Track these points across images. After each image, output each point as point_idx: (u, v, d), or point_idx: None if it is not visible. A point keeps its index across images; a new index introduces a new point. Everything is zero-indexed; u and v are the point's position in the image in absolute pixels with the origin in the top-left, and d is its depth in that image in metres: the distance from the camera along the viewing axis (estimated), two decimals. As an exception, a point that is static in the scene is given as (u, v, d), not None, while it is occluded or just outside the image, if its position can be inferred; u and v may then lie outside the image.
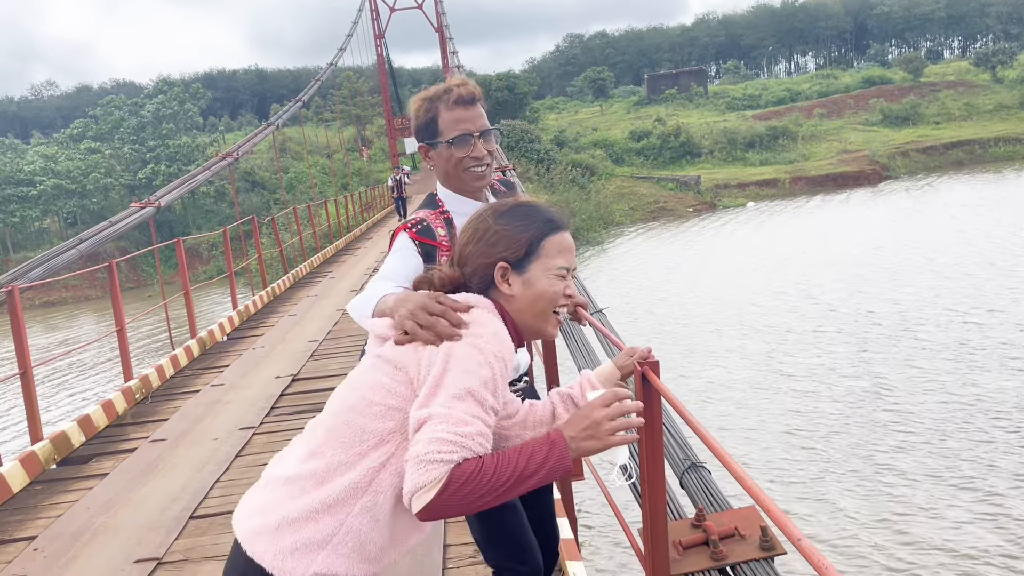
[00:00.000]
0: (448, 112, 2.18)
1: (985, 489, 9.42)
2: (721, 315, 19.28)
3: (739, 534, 2.07)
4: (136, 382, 7.31)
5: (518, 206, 1.69)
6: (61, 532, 4.47)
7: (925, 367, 13.83)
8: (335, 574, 1.50)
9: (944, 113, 59.98)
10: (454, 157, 2.20)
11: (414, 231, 2.18)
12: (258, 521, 1.54)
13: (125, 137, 51.03)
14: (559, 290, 1.63)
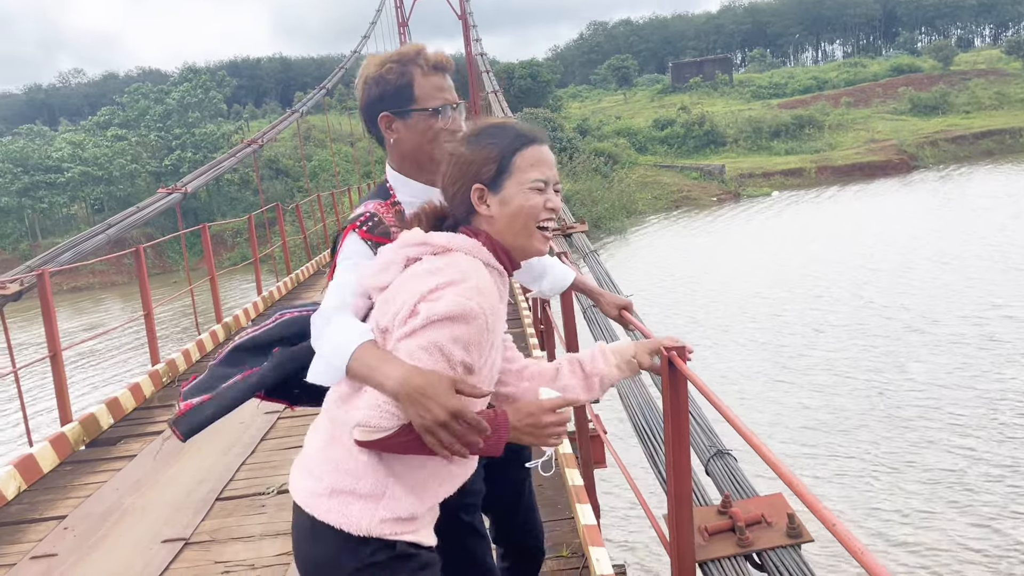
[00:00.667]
0: (425, 78, 1.92)
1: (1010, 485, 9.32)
2: (739, 307, 19.16)
3: (766, 521, 2.05)
4: (163, 366, 7.40)
5: (487, 127, 1.65)
6: (90, 512, 4.54)
7: (942, 362, 13.68)
8: (397, 515, 1.59)
9: (974, 102, 59.02)
10: (433, 128, 1.92)
11: (364, 230, 1.86)
12: (314, 485, 1.62)
13: (151, 124, 51.47)
14: (538, 203, 1.60)
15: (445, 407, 1.44)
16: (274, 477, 4.79)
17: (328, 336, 1.62)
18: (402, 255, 1.62)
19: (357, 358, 1.54)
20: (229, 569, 3.74)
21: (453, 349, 1.48)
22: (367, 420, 1.49)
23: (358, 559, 1.58)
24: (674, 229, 36.09)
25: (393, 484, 1.59)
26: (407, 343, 1.50)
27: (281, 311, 1.95)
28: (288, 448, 5.31)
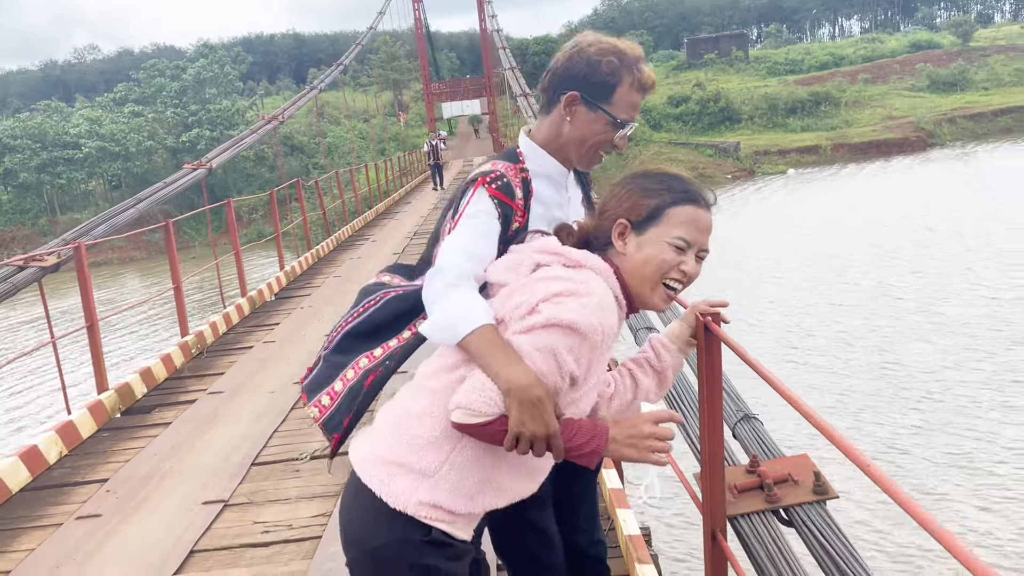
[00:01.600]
0: (630, 91, 1.89)
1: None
2: (754, 285, 19.20)
3: (792, 480, 2.17)
4: (192, 337, 7.57)
5: (664, 173, 1.71)
6: (131, 475, 4.71)
7: (948, 343, 13.71)
8: (436, 502, 1.60)
9: (994, 79, 58.27)
10: (604, 135, 1.91)
11: (494, 187, 1.85)
12: (371, 452, 1.67)
13: (167, 101, 51.60)
14: (670, 259, 1.62)
15: (548, 426, 1.50)
16: (307, 444, 4.95)
17: (451, 301, 1.65)
18: (533, 259, 1.67)
19: (479, 336, 1.56)
20: (268, 529, 3.90)
21: (566, 357, 1.52)
22: (470, 403, 1.51)
23: (392, 533, 1.61)
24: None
25: (446, 472, 1.61)
26: (523, 339, 1.53)
27: (384, 290, 1.92)
28: (318, 417, 5.45)
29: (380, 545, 1.62)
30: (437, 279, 1.71)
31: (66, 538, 3.99)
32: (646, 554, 3.14)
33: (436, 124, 46.54)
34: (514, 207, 1.87)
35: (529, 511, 2.08)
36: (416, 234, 15.56)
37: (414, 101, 66.00)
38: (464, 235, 1.79)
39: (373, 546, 1.63)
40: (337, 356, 1.85)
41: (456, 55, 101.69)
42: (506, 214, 1.85)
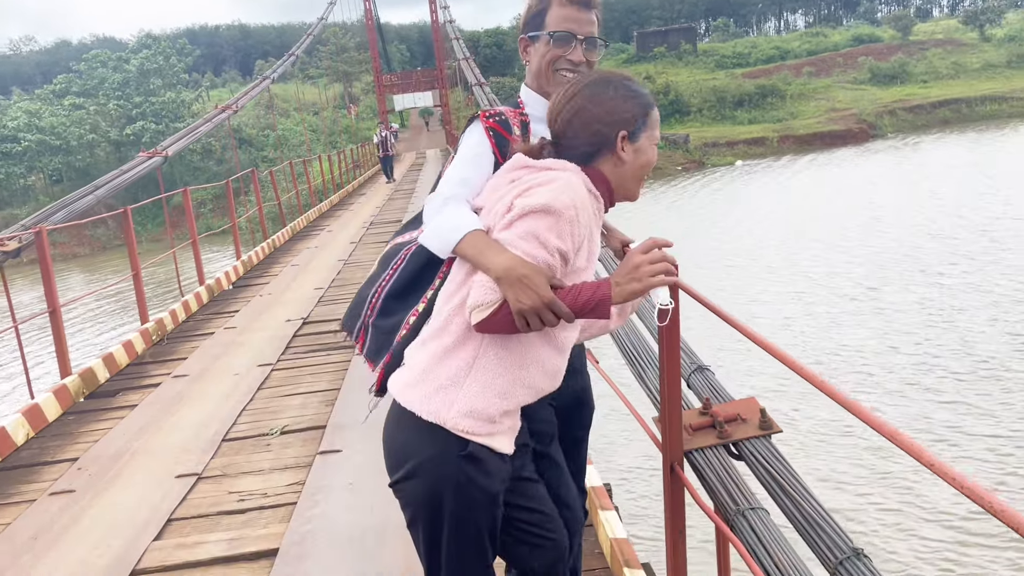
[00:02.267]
0: (560, 8, 2.05)
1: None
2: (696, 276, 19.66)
3: (741, 418, 2.39)
4: (152, 324, 7.59)
5: (624, 78, 1.84)
6: (101, 454, 4.79)
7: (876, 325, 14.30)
8: (471, 410, 1.74)
9: (932, 72, 60.04)
10: (550, 53, 2.06)
11: (492, 120, 2.01)
12: (406, 378, 1.82)
13: (110, 93, 50.44)
14: (653, 159, 1.85)
15: (541, 296, 1.63)
16: (275, 420, 5.07)
17: (443, 215, 1.83)
18: (507, 179, 1.81)
19: (468, 241, 1.73)
20: (244, 498, 4.02)
21: (548, 236, 1.66)
22: (477, 299, 1.67)
23: (432, 448, 1.75)
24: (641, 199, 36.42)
25: (475, 376, 1.75)
26: (505, 234, 1.69)
27: (405, 246, 2.04)
28: (284, 396, 5.58)
29: (422, 461, 1.76)
30: (433, 202, 1.90)
31: (41, 513, 4.06)
32: (608, 503, 3.35)
33: (388, 116, 46.33)
34: (511, 139, 1.99)
35: (535, 441, 2.12)
36: (372, 223, 15.62)
37: (365, 93, 65.57)
38: (458, 165, 1.96)
39: (415, 464, 1.77)
40: (384, 320, 1.99)
41: (407, 47, 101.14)
42: (500, 144, 1.98)
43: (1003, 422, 9.94)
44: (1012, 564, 7.26)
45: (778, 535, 1.94)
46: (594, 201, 1.78)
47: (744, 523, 2.01)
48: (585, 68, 2.07)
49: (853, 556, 1.73)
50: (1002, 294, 15.01)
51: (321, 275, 10.41)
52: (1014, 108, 52.30)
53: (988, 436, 9.64)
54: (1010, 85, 55.73)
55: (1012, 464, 9.02)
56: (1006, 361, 11.80)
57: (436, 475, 1.76)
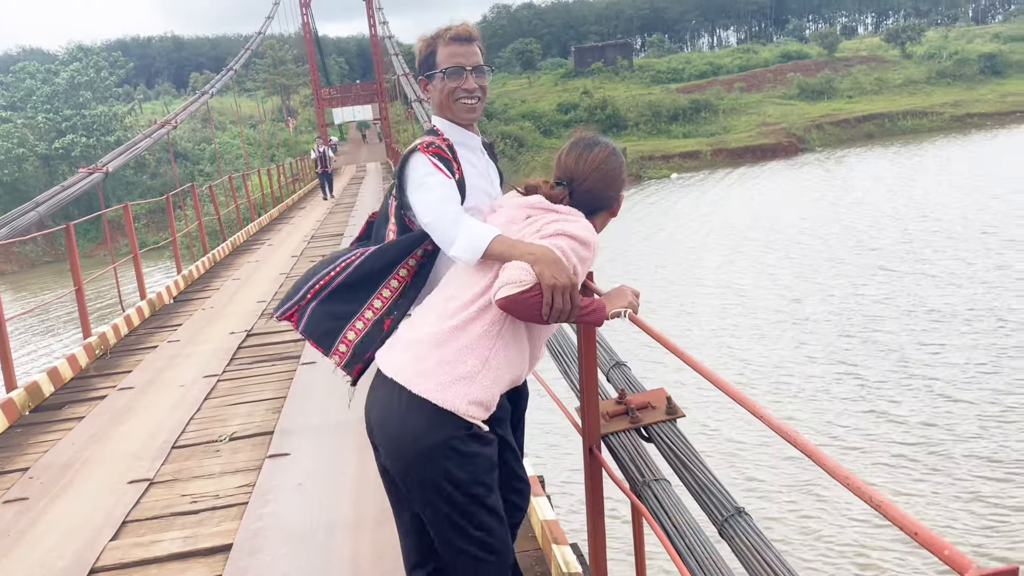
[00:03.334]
0: (445, 47, 2.34)
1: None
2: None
3: (651, 406, 2.73)
4: (95, 339, 7.66)
5: (623, 158, 2.28)
6: (52, 463, 4.91)
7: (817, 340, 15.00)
8: (479, 399, 2.06)
9: (857, 87, 62.41)
10: (447, 87, 2.33)
11: (431, 150, 2.28)
12: (417, 367, 2.07)
13: (38, 106, 49.16)
14: None
15: (570, 276, 1.98)
16: (224, 428, 5.25)
17: (465, 227, 2.11)
18: (523, 213, 2.17)
19: (497, 242, 2.04)
20: (196, 500, 4.22)
21: (571, 255, 2.03)
22: (510, 278, 1.95)
23: (444, 430, 2.04)
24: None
25: (487, 372, 2.06)
26: (538, 239, 2.04)
27: (360, 248, 2.33)
28: (232, 404, 5.75)
29: (437, 441, 2.04)
30: (444, 217, 2.15)
31: (-5, 520, 4.18)
32: (540, 490, 3.67)
33: (327, 130, 46.18)
34: (449, 159, 2.27)
35: (496, 426, 2.31)
36: (314, 237, 15.72)
37: (303, 106, 65.16)
38: (431, 191, 2.20)
39: (430, 443, 2.04)
40: (333, 306, 2.25)
41: (346, 60, 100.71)
42: (448, 168, 2.25)
43: (911, 429, 10.55)
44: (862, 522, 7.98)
45: (676, 500, 2.27)
46: (598, 241, 2.21)
47: (649, 492, 2.34)
48: (479, 93, 2.38)
49: (736, 514, 2.06)
50: (915, 303, 15.83)
51: (263, 288, 10.53)
52: (933, 123, 54.75)
53: (896, 442, 10.24)
54: (930, 101, 58.31)
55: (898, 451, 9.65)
56: (918, 369, 12.47)
57: (448, 451, 2.06)
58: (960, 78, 61.83)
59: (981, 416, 10.61)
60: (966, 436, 10.14)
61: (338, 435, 4.90)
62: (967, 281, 16.95)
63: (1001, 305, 14.97)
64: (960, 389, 11.54)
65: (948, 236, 21.49)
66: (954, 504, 8.66)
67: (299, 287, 2.31)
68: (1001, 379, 11.71)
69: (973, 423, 10.43)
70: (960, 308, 15.09)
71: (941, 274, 17.72)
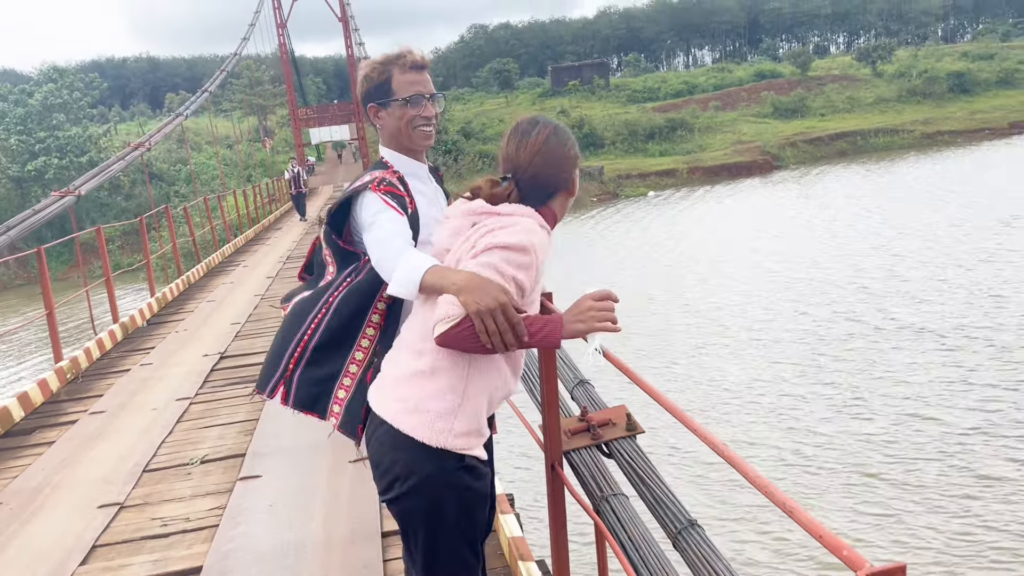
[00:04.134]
0: (402, 75, 2.31)
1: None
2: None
3: (612, 422, 2.79)
4: (67, 362, 7.61)
5: (569, 134, 2.15)
6: (21, 488, 4.88)
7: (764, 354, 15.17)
8: (465, 431, 2.02)
9: (829, 106, 63.34)
10: (407, 115, 2.30)
11: (383, 187, 2.24)
12: (402, 405, 2.02)
13: (11, 128, 48.81)
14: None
15: (495, 298, 1.83)
16: (196, 451, 5.25)
17: (402, 261, 2.04)
18: (468, 222, 2.07)
19: (431, 272, 1.96)
20: (167, 523, 4.22)
21: (505, 267, 1.89)
22: (442, 314, 1.86)
23: (435, 465, 2.00)
24: (558, 230, 37.24)
25: (465, 403, 2.01)
26: (471, 263, 1.93)
27: (319, 301, 2.27)
28: (204, 427, 5.75)
29: (428, 475, 2.00)
30: (387, 253, 2.11)
31: (-38, 546, 4.16)
32: (508, 508, 3.71)
33: (304, 150, 46.17)
34: (402, 194, 2.25)
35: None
36: (289, 258, 15.70)
37: (280, 127, 65.09)
38: (380, 228, 2.16)
39: (418, 479, 2.00)
40: (316, 370, 2.25)
41: (323, 80, 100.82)
42: (400, 203, 2.22)
43: (856, 453, 10.68)
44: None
45: (633, 513, 2.33)
46: (547, 237, 2.06)
47: (607, 506, 2.40)
48: (434, 120, 2.37)
49: (689, 526, 2.12)
50: (864, 325, 15.95)
51: (237, 310, 10.51)
52: (904, 140, 55.67)
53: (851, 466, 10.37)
54: (901, 118, 59.30)
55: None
56: (864, 394, 12.56)
57: (441, 486, 2.02)
58: (930, 96, 62.97)
59: (946, 434, 10.75)
60: (932, 455, 10.29)
61: (310, 456, 4.92)
62: (940, 297, 17.21)
63: (970, 323, 15.20)
64: (930, 407, 11.69)
65: (922, 252, 21.82)
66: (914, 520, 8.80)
67: (278, 356, 2.28)
68: (971, 397, 11.87)
69: (939, 442, 10.58)
70: (932, 324, 15.31)
71: (913, 291, 17.98)
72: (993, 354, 13.43)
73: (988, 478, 9.48)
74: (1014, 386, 12.06)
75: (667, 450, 10.58)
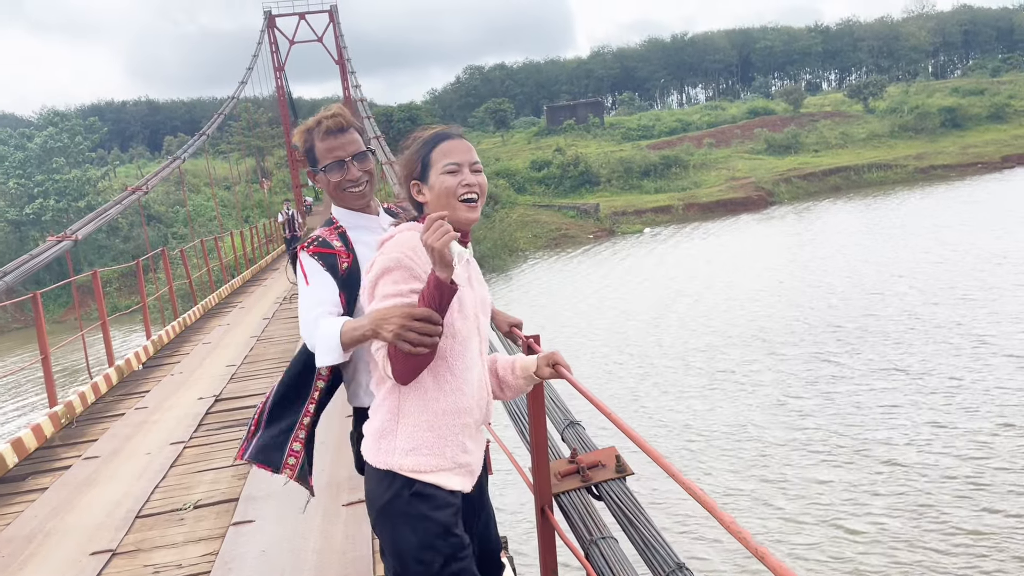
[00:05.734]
0: (321, 142, 2.40)
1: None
2: (594, 337, 20.35)
3: (601, 464, 2.80)
4: (61, 407, 7.59)
5: (415, 137, 2.16)
6: (14, 536, 4.85)
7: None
8: (412, 448, 2.04)
9: (822, 142, 64.03)
10: (331, 182, 2.41)
11: (312, 248, 2.35)
12: (365, 442, 2.15)
13: (10, 172, 49.18)
14: (452, 184, 2.05)
15: (398, 316, 1.93)
16: (189, 495, 5.22)
17: (320, 331, 2.18)
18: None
19: (344, 333, 2.11)
20: (158, 570, 4.18)
21: (396, 287, 1.98)
22: (380, 359, 2.03)
23: (389, 491, 2.04)
24: (555, 266, 37.46)
25: (404, 419, 2.06)
26: (372, 304, 2.03)
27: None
28: (197, 472, 5.72)
29: (383, 504, 2.05)
30: (307, 329, 2.26)
31: (-48, 596, 4.12)
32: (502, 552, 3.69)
33: (303, 190, 46.46)
34: (335, 253, 2.34)
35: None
36: (286, 299, 15.71)
37: (278, 168, 65.54)
38: (309, 292, 2.31)
39: (379, 506, 2.06)
40: (274, 426, 2.41)
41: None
42: (330, 263, 2.32)
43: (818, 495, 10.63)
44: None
45: (622, 557, 2.33)
46: (417, 233, 2.04)
47: (596, 550, 2.40)
48: (366, 177, 2.44)
49: (677, 569, 2.13)
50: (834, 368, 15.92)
51: (233, 352, 10.50)
52: (898, 175, 56.18)
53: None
54: (893, 153, 59.90)
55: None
56: (828, 436, 12.52)
57: (395, 514, 2.05)
58: (922, 131, 63.68)
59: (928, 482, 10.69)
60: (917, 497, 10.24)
61: (302, 501, 4.89)
62: (925, 339, 17.17)
63: (957, 364, 15.14)
64: (912, 449, 11.63)
65: (919, 292, 21.87)
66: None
67: (249, 425, 2.46)
68: (950, 436, 11.83)
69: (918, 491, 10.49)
70: (915, 367, 15.24)
71: (898, 332, 17.99)
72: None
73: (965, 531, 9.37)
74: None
75: (656, 492, 10.53)
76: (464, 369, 2.11)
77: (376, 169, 2.53)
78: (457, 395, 2.09)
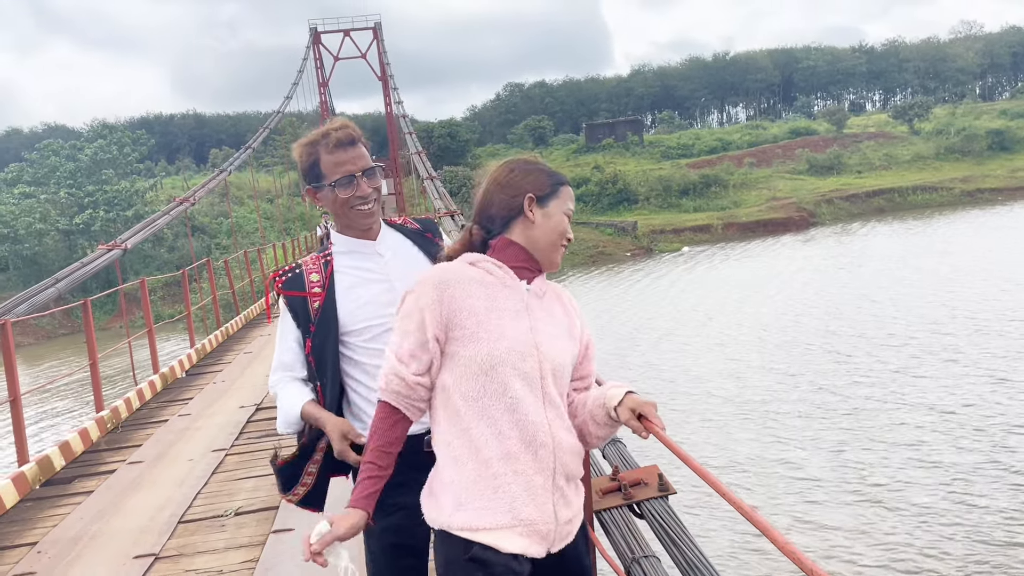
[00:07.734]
0: (329, 155, 2.21)
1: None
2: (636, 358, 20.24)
3: (643, 482, 2.80)
4: (107, 412, 7.76)
5: (525, 161, 2.01)
6: (60, 538, 4.96)
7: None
8: (461, 503, 1.79)
9: (865, 163, 63.25)
10: (339, 198, 2.21)
11: (282, 283, 2.28)
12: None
13: (61, 182, 50.51)
14: (565, 227, 1.97)
15: (338, 442, 2.15)
16: (230, 502, 5.30)
17: (280, 402, 2.29)
18: None
19: (304, 413, 2.23)
20: (200, 575, 4.25)
21: (409, 332, 1.84)
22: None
23: (445, 555, 1.80)
24: (593, 283, 37.39)
25: (444, 472, 1.83)
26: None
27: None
28: (239, 479, 5.81)
29: (442, 571, 1.82)
30: (271, 385, 2.36)
31: (1, 595, 4.23)
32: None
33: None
34: (304, 295, 2.24)
35: None
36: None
37: (319, 182, 66.34)
38: (276, 345, 2.35)
39: (439, 572, 1.84)
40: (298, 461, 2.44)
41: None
42: (293, 306, 2.25)
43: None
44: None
45: (664, 575, 2.32)
46: (484, 273, 1.89)
47: (638, 569, 2.39)
48: (375, 195, 2.27)
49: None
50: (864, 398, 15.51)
51: (275, 362, 10.63)
52: (943, 197, 55.25)
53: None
54: (939, 176, 58.93)
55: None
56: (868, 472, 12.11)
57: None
58: (969, 154, 62.59)
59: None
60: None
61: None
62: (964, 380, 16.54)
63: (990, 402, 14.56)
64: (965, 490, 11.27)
65: (968, 324, 21.38)
66: None
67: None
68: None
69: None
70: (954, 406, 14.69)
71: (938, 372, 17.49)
72: None
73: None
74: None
75: (701, 511, 10.40)
76: (505, 410, 1.80)
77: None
78: (501, 439, 1.79)
